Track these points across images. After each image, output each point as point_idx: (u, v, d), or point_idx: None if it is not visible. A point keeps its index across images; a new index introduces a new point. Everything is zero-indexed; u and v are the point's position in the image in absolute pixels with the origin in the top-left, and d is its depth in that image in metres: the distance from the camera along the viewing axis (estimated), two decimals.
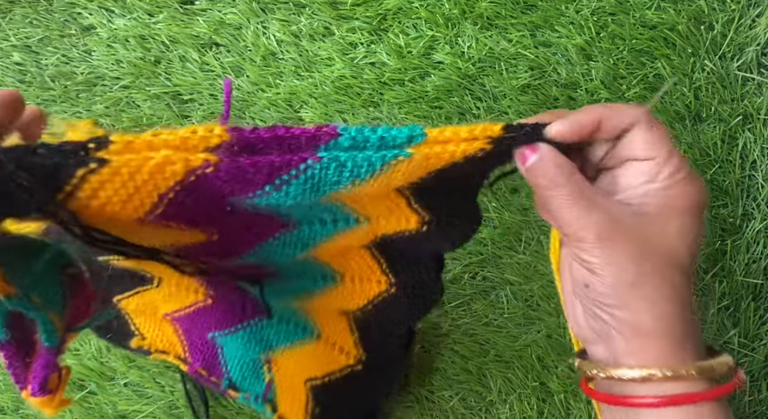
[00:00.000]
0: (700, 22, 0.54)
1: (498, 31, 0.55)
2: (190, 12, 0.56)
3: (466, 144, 0.30)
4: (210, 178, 0.27)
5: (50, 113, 0.58)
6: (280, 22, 0.56)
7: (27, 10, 0.57)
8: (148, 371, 0.60)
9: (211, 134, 0.26)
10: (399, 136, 0.29)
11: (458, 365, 0.59)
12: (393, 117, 0.56)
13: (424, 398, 0.59)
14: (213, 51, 0.56)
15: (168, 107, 0.57)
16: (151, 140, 0.25)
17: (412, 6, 0.55)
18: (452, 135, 0.30)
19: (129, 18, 0.56)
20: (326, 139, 0.28)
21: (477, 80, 0.56)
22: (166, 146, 0.26)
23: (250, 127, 0.28)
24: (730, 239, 0.56)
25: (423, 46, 0.55)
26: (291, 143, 0.28)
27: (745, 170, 0.56)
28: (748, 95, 0.55)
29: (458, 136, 0.30)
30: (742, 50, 0.54)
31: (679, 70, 0.55)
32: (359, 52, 0.56)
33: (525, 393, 0.59)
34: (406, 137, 0.29)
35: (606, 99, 0.55)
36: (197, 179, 0.26)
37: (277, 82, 0.56)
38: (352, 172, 0.29)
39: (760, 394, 0.56)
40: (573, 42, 0.54)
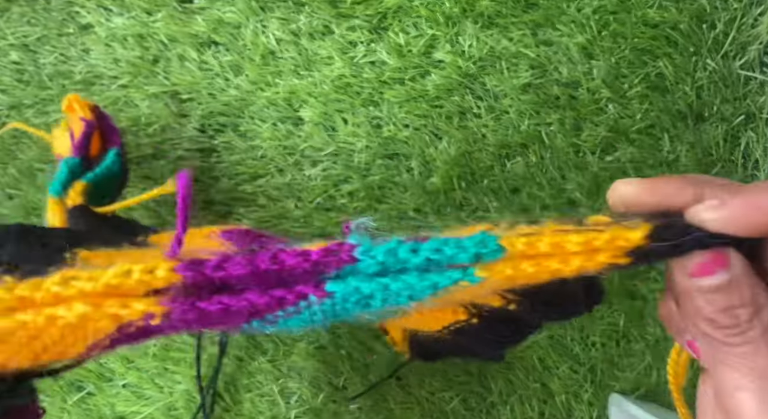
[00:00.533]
0: (702, 21, 0.54)
1: (499, 29, 0.55)
2: (188, 11, 0.56)
3: (582, 259, 0.20)
4: (161, 327, 0.20)
5: (49, 112, 0.57)
6: (280, 21, 0.55)
7: (25, 9, 0.57)
8: (146, 372, 0.60)
9: (151, 276, 0.19)
10: (460, 254, 0.20)
11: (459, 366, 0.58)
12: (393, 116, 0.56)
13: (425, 399, 0.59)
14: (212, 50, 0.56)
15: (166, 106, 0.57)
16: (58, 293, 0.18)
17: (413, 4, 0.55)
18: (553, 249, 0.20)
19: (127, 17, 0.56)
20: (336, 266, 0.20)
21: (478, 79, 0.55)
22: (83, 296, 0.19)
23: (214, 258, 0.20)
24: None
25: (423, 44, 0.55)
26: (285, 276, 0.20)
27: (747, 169, 0.55)
28: (750, 94, 0.55)
29: (563, 249, 0.20)
30: (744, 49, 0.54)
31: (681, 70, 0.54)
32: (359, 50, 0.55)
33: (526, 394, 0.58)
34: (472, 256, 0.20)
35: (607, 98, 0.55)
36: (141, 329, 0.20)
37: (277, 81, 0.56)
38: (385, 301, 0.21)
39: None
40: (574, 41, 0.54)
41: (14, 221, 0.59)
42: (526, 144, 0.56)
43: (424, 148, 0.56)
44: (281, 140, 0.56)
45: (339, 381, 0.59)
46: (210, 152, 0.57)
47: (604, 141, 0.55)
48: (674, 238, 0.20)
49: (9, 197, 0.58)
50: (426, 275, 0.20)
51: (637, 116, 0.55)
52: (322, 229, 0.57)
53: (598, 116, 0.55)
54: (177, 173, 0.21)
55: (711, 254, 0.20)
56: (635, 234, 0.20)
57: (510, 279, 0.21)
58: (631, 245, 0.20)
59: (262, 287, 0.20)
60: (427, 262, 0.20)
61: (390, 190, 0.57)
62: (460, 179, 0.56)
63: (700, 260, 0.20)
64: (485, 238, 0.20)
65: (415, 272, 0.20)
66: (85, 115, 0.48)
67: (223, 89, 0.56)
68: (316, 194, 0.57)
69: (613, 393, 0.58)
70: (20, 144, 0.58)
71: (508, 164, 0.56)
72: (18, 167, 0.58)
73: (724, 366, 0.20)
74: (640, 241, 0.20)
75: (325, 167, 0.57)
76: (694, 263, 0.20)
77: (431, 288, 0.20)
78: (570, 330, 0.58)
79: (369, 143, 0.56)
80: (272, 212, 0.57)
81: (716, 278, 0.20)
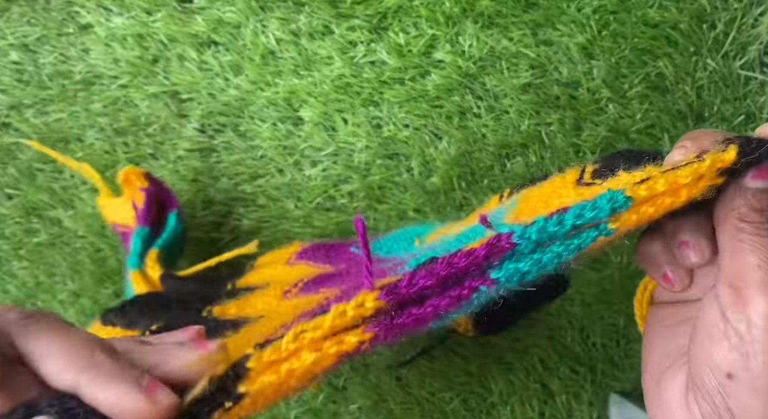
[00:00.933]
0: (702, 21, 0.54)
1: (499, 29, 0.55)
2: (188, 10, 0.56)
3: (688, 189, 0.23)
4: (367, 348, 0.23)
5: (49, 112, 0.57)
6: (279, 21, 0.55)
7: (24, 9, 0.57)
8: None
9: (363, 309, 0.22)
10: (599, 214, 0.23)
11: (459, 366, 0.58)
12: (393, 116, 0.56)
13: (425, 399, 0.59)
14: (211, 50, 0.56)
15: (166, 106, 0.56)
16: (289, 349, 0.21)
17: (413, 4, 0.54)
18: (669, 185, 0.23)
19: (127, 16, 0.56)
20: (501, 254, 0.23)
21: (478, 79, 0.55)
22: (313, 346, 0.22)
23: (404, 277, 0.23)
24: None
25: (423, 44, 0.55)
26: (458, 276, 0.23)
27: None
28: (750, 94, 0.54)
29: (677, 183, 0.23)
30: (744, 49, 0.54)
31: (682, 70, 0.54)
32: (359, 50, 0.55)
33: (526, 394, 0.58)
34: (609, 211, 0.23)
35: (607, 98, 0.55)
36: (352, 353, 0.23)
37: (276, 81, 0.56)
38: (540, 270, 0.24)
39: None
40: (574, 41, 0.54)
41: (14, 221, 0.59)
42: (526, 144, 0.56)
43: (424, 148, 0.56)
44: (281, 140, 0.56)
45: (339, 381, 0.59)
46: (210, 152, 0.57)
47: (604, 141, 0.55)
48: (756, 151, 0.23)
49: (9, 197, 0.58)
50: (568, 240, 0.23)
51: (637, 116, 0.55)
52: (322, 229, 0.57)
53: (598, 116, 0.55)
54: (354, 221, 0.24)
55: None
56: (729, 155, 0.23)
57: (635, 223, 0.23)
58: (726, 165, 0.23)
59: (439, 291, 0.23)
60: (573, 228, 0.23)
61: (390, 190, 0.57)
62: (460, 179, 0.56)
63: (764, 166, 0.24)
64: (613, 194, 0.23)
65: (558, 241, 0.23)
66: (143, 185, 0.50)
67: (223, 89, 0.56)
68: (316, 194, 0.57)
69: (613, 393, 0.58)
70: (20, 144, 0.58)
71: (508, 164, 0.56)
72: (18, 167, 0.58)
73: (745, 250, 0.24)
74: (734, 159, 0.23)
75: (325, 167, 0.57)
76: (756, 168, 0.24)
77: (576, 249, 0.23)
78: (570, 330, 0.58)
79: (369, 143, 0.56)
80: (272, 212, 0.57)
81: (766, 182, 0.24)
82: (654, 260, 0.28)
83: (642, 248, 0.28)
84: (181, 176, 0.57)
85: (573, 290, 0.57)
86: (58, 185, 0.58)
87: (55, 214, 0.58)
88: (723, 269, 0.25)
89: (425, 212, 0.56)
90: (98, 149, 0.57)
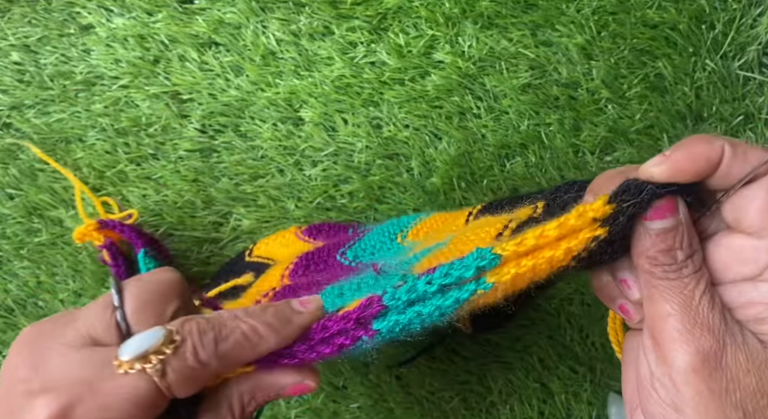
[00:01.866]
0: (701, 22, 0.54)
1: (498, 30, 0.55)
2: (189, 11, 0.56)
3: (567, 241, 0.23)
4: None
5: (50, 113, 0.57)
6: (280, 22, 0.55)
7: (26, 10, 0.57)
8: None
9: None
10: (464, 273, 0.24)
11: (459, 366, 0.58)
12: (393, 116, 0.56)
13: (425, 399, 0.59)
14: (212, 50, 0.56)
15: (167, 106, 0.57)
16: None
17: (412, 5, 0.55)
18: (538, 240, 0.23)
19: (128, 17, 0.56)
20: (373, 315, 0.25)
21: (477, 80, 0.55)
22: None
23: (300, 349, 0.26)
24: None
25: (423, 45, 0.55)
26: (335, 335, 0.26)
27: None
28: (749, 95, 0.55)
29: (547, 237, 0.23)
30: (743, 50, 0.54)
31: (680, 70, 0.54)
32: (359, 51, 0.56)
33: (526, 394, 0.58)
34: (474, 270, 0.24)
35: (607, 99, 0.55)
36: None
37: (277, 82, 0.56)
38: (423, 322, 0.25)
39: None
40: (574, 41, 0.54)
41: (16, 221, 0.59)
42: (525, 144, 0.56)
43: (424, 148, 0.56)
44: (281, 140, 0.57)
45: (339, 381, 0.59)
46: (210, 152, 0.58)
47: (603, 141, 0.56)
48: (633, 196, 0.23)
49: (10, 197, 0.59)
50: (448, 293, 0.24)
51: (637, 116, 0.55)
52: None
53: (597, 116, 0.55)
54: None
55: (663, 201, 0.23)
56: (597, 203, 0.23)
57: (518, 276, 0.24)
58: (600, 214, 0.23)
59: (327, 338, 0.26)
60: (442, 288, 0.24)
61: (390, 190, 0.57)
62: (460, 179, 0.56)
63: (655, 206, 0.23)
64: (481, 252, 0.24)
65: (439, 294, 0.24)
66: (101, 242, 0.52)
67: (224, 90, 0.56)
68: (316, 194, 0.57)
69: (612, 392, 0.58)
70: (21, 144, 0.58)
71: (508, 164, 0.56)
72: (19, 167, 0.58)
73: (658, 297, 0.24)
74: (604, 207, 0.23)
75: (325, 167, 0.57)
76: (650, 208, 0.23)
77: (456, 303, 0.24)
78: (569, 330, 0.58)
79: (369, 143, 0.56)
80: (272, 212, 0.58)
81: (665, 221, 0.23)
82: (606, 293, 0.28)
83: (595, 281, 0.28)
84: (182, 176, 0.57)
85: (573, 290, 0.57)
86: (59, 185, 0.58)
87: (57, 214, 0.59)
88: (645, 317, 0.25)
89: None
90: (99, 149, 0.57)
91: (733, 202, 0.23)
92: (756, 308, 0.23)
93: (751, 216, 0.22)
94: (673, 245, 0.23)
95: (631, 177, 0.24)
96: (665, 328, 0.23)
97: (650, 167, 0.23)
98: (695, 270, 0.23)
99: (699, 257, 0.24)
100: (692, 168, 0.22)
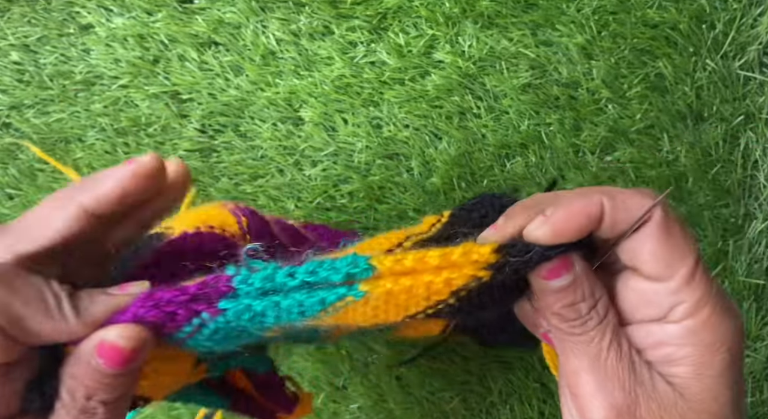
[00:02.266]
0: (701, 21, 0.54)
1: (499, 29, 0.55)
2: (188, 11, 0.56)
3: (449, 272, 0.23)
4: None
5: (49, 112, 0.57)
6: (280, 21, 0.55)
7: (25, 9, 0.57)
8: None
9: None
10: (333, 275, 0.22)
11: (459, 366, 0.58)
12: (393, 116, 0.56)
13: (425, 399, 0.59)
14: (212, 50, 0.56)
15: (167, 106, 0.57)
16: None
17: (413, 4, 0.55)
18: (416, 263, 0.23)
19: (127, 17, 0.56)
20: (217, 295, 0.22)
21: (477, 79, 0.55)
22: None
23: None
24: (731, 240, 0.56)
25: (423, 45, 0.55)
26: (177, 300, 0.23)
27: (746, 170, 0.55)
28: (750, 95, 0.55)
29: (426, 263, 0.22)
30: (743, 49, 0.54)
31: (681, 70, 0.54)
32: (359, 51, 0.55)
33: (526, 394, 0.58)
34: (344, 276, 0.22)
35: (607, 98, 0.55)
36: None
37: (277, 82, 0.56)
38: (280, 317, 0.22)
39: (762, 395, 0.56)
40: (574, 41, 0.54)
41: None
42: (525, 144, 0.56)
43: (424, 148, 0.56)
44: (281, 140, 0.57)
45: (339, 381, 0.59)
46: (210, 152, 0.57)
47: (603, 141, 0.55)
48: (520, 253, 0.23)
49: (9, 197, 0.59)
50: (315, 291, 0.22)
51: (637, 116, 0.55)
52: None
53: (597, 116, 0.55)
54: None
55: (554, 262, 0.23)
56: (485, 249, 0.23)
57: (392, 295, 0.23)
58: (484, 259, 0.23)
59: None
60: (304, 284, 0.22)
61: (390, 190, 0.57)
62: (460, 179, 0.56)
63: (548, 266, 0.23)
64: (356, 259, 0.22)
65: (304, 291, 0.22)
66: None
67: (224, 89, 0.56)
68: (316, 194, 0.57)
69: None
70: (21, 144, 0.58)
71: (508, 164, 0.56)
72: (18, 167, 0.58)
73: (569, 352, 0.24)
74: (489, 255, 0.23)
75: (325, 167, 0.57)
76: (543, 269, 0.23)
77: (320, 304, 0.22)
78: None
79: (369, 143, 0.56)
80: (272, 212, 0.57)
81: (562, 280, 0.23)
82: (531, 321, 0.28)
83: (518, 309, 0.28)
84: None
85: None
86: (58, 185, 0.58)
87: None
88: (560, 368, 0.25)
89: (425, 212, 0.56)
90: (99, 149, 0.57)
91: (627, 249, 0.23)
92: (665, 350, 0.23)
93: (646, 263, 0.22)
94: (575, 300, 0.23)
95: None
96: (579, 382, 0.23)
97: (533, 231, 0.22)
98: (600, 320, 0.23)
99: (603, 304, 0.23)
100: (574, 227, 0.22)
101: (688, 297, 0.22)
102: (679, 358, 0.22)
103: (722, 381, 0.22)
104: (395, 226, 0.57)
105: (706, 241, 0.55)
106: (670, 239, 0.22)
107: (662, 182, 0.55)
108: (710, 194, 0.56)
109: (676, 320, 0.22)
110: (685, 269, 0.22)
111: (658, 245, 0.22)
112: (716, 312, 0.22)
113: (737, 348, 0.22)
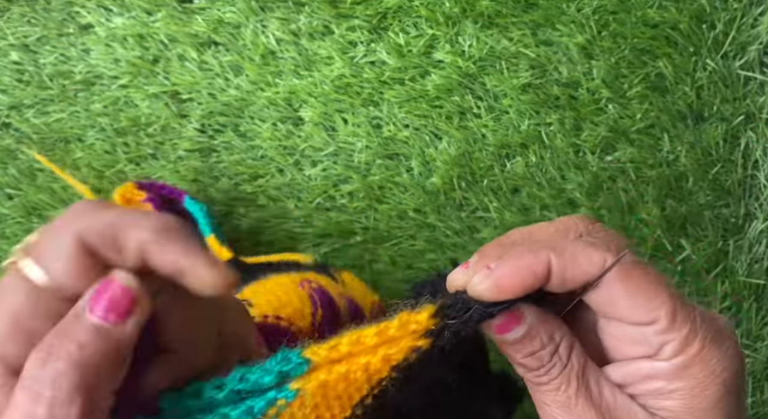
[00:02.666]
0: (701, 21, 0.54)
1: (499, 29, 0.55)
2: (188, 11, 0.56)
3: (386, 348, 0.21)
4: None
5: (49, 112, 0.57)
6: (280, 21, 0.55)
7: (25, 9, 0.57)
8: None
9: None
10: (264, 377, 0.20)
11: None
12: (393, 116, 0.56)
13: None
14: (212, 50, 0.56)
15: (166, 106, 0.57)
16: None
17: (413, 4, 0.55)
18: (352, 347, 0.21)
19: (127, 17, 0.56)
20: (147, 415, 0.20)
21: (477, 79, 0.55)
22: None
23: None
24: (732, 239, 0.56)
25: (423, 44, 0.55)
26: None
27: (747, 169, 0.55)
28: (750, 94, 0.55)
29: (363, 344, 0.21)
30: (744, 49, 0.54)
31: (681, 70, 0.54)
32: (359, 50, 0.55)
33: (526, 393, 0.58)
34: (277, 375, 0.20)
35: (607, 98, 0.55)
36: None
37: (277, 81, 0.56)
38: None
39: (763, 395, 0.56)
40: (574, 41, 0.54)
41: (15, 221, 0.59)
42: (526, 144, 0.56)
43: (424, 148, 0.56)
44: (281, 140, 0.57)
45: None
46: (210, 152, 0.57)
47: (604, 141, 0.55)
48: (460, 313, 0.21)
49: (9, 197, 0.58)
50: (241, 402, 0.20)
51: (637, 116, 0.55)
52: (322, 229, 0.57)
53: (598, 116, 0.55)
54: None
55: (505, 314, 0.22)
56: (421, 316, 0.21)
57: (328, 386, 0.21)
58: (423, 327, 0.21)
59: None
60: (233, 394, 0.20)
61: (390, 190, 0.57)
62: (460, 179, 0.56)
63: (496, 322, 0.22)
64: (287, 354, 0.21)
65: (231, 403, 0.20)
66: (142, 196, 0.51)
67: (223, 89, 0.56)
68: (316, 194, 0.57)
69: None
70: (21, 144, 0.58)
71: (508, 164, 0.56)
72: (18, 167, 0.58)
73: (540, 402, 0.23)
74: (427, 322, 0.21)
75: (325, 167, 0.57)
76: (493, 323, 0.22)
77: (247, 414, 0.20)
78: None
79: (369, 143, 0.56)
80: (272, 212, 0.57)
81: (514, 333, 0.22)
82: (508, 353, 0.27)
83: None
84: (182, 176, 0.57)
85: None
86: (58, 185, 0.58)
87: (56, 214, 0.58)
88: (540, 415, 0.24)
89: (425, 212, 0.56)
90: (99, 149, 0.57)
91: (599, 301, 0.22)
92: (654, 384, 0.22)
93: (624, 311, 0.22)
94: (533, 349, 0.22)
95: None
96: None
97: (476, 285, 0.21)
98: (563, 366, 0.22)
99: (566, 345, 0.22)
100: (518, 284, 0.21)
101: (676, 335, 0.21)
102: (669, 392, 0.22)
103: (715, 413, 0.21)
104: (395, 226, 0.57)
105: (707, 241, 0.55)
106: (642, 286, 0.21)
107: (662, 181, 0.55)
108: (710, 193, 0.55)
109: (666, 358, 0.21)
110: (664, 310, 0.21)
111: (630, 297, 0.21)
112: (706, 345, 0.21)
113: (732, 377, 0.21)
